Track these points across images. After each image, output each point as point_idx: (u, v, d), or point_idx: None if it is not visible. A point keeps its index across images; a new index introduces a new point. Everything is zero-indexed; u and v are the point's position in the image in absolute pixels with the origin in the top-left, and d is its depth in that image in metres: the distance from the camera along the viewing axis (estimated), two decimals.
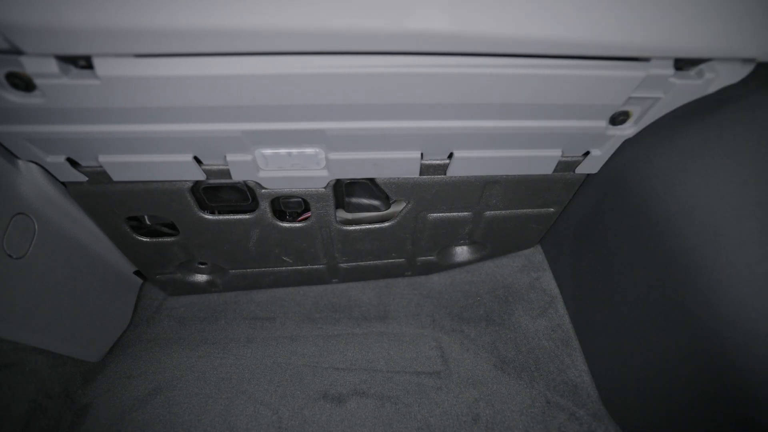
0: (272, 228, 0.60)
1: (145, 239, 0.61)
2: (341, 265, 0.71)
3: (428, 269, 0.77)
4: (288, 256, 0.66)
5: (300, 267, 0.70)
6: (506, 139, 0.47)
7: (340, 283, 0.78)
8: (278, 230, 0.60)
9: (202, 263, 0.71)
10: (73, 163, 0.48)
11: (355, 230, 0.62)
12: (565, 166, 0.53)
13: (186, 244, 0.62)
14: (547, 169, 0.53)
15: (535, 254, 0.80)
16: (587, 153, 0.52)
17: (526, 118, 0.44)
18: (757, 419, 0.38)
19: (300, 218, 0.61)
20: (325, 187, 0.54)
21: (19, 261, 0.49)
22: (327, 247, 0.65)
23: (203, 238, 0.60)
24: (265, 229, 0.60)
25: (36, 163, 0.48)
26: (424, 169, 0.52)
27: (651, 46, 0.35)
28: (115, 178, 0.49)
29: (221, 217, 0.57)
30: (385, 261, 0.71)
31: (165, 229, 0.62)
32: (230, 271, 0.70)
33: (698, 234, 0.41)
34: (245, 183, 0.53)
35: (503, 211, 0.62)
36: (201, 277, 0.73)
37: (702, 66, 0.40)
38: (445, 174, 0.53)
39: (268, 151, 0.47)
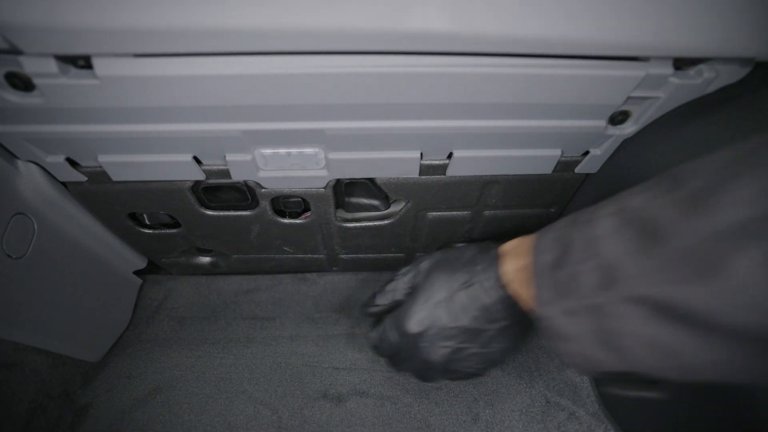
0: (273, 224, 0.60)
1: (148, 231, 0.62)
2: (341, 256, 0.71)
3: None
4: (289, 246, 0.68)
5: (301, 255, 0.71)
6: (506, 138, 0.47)
7: (341, 272, 0.79)
8: (278, 226, 0.61)
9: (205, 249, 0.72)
10: (72, 163, 0.48)
11: (354, 227, 0.62)
12: (565, 166, 0.53)
13: (188, 235, 0.63)
14: (547, 169, 0.53)
15: None
16: (587, 153, 0.52)
17: (525, 117, 0.44)
18: (759, 418, 0.38)
19: (300, 217, 0.61)
20: (324, 187, 0.54)
21: (19, 261, 0.49)
22: (327, 241, 0.66)
23: (205, 230, 0.61)
24: (265, 224, 0.60)
25: (35, 163, 0.48)
26: (424, 169, 0.52)
27: (650, 45, 0.35)
28: (115, 178, 0.49)
29: (222, 213, 0.57)
30: (385, 255, 0.72)
31: (166, 228, 0.63)
32: (233, 255, 0.70)
33: None
34: (245, 183, 0.53)
35: (503, 211, 0.62)
36: (204, 259, 0.74)
37: (701, 66, 0.40)
38: (444, 174, 0.53)
39: (267, 151, 0.47)
